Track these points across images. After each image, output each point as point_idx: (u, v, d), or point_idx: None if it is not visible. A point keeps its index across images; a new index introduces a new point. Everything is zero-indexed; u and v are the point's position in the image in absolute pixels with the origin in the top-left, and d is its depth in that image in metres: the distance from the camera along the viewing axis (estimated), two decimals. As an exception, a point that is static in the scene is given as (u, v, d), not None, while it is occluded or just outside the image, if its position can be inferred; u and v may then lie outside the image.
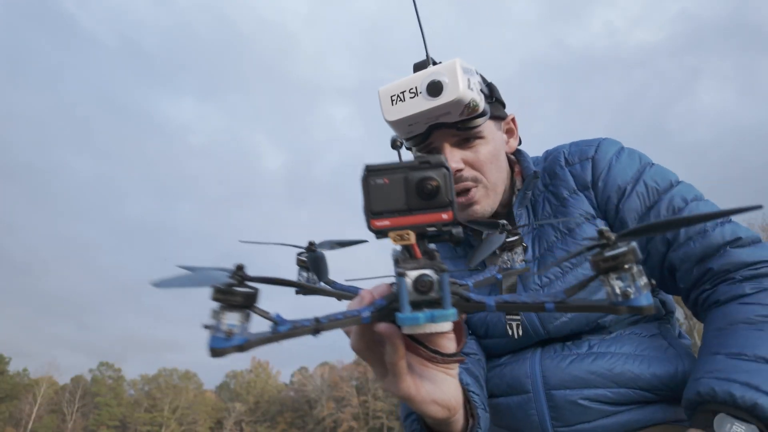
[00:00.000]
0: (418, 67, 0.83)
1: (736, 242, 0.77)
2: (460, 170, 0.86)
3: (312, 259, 0.58)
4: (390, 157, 0.99)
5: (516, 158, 0.99)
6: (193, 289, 0.33)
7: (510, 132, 0.98)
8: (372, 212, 0.41)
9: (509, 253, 0.59)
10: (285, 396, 50.27)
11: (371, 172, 0.42)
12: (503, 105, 0.95)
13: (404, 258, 0.42)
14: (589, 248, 0.37)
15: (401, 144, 0.45)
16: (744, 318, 0.70)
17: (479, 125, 0.84)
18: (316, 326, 0.39)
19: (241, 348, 0.35)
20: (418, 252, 0.42)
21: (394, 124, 0.83)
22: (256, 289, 0.36)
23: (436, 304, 0.39)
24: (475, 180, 0.88)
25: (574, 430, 0.81)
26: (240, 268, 0.36)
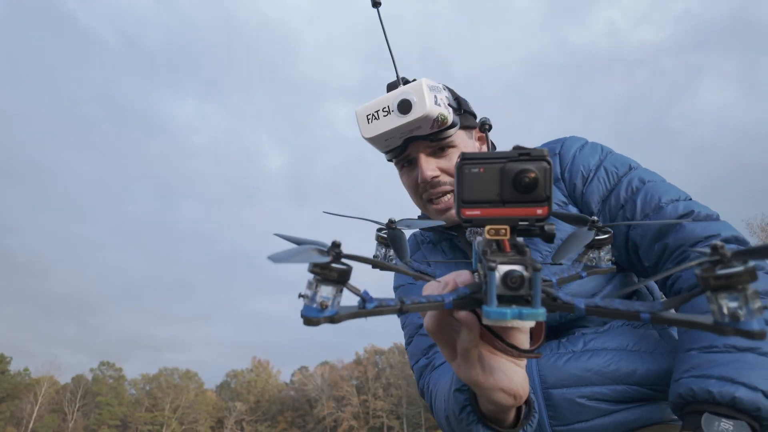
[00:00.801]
0: (391, 86, 0.89)
1: (689, 215, 0.81)
2: (436, 177, 0.93)
3: (392, 237, 0.58)
4: (386, 164, 1.05)
5: None
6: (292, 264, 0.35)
7: (481, 140, 1.05)
8: (463, 201, 0.41)
9: (597, 251, 0.55)
10: (285, 395, 50.33)
11: (466, 161, 0.41)
12: (474, 116, 1.03)
13: (493, 250, 0.41)
14: (700, 263, 0.34)
15: (489, 127, 0.43)
16: (708, 308, 0.74)
17: (450, 135, 0.92)
18: (401, 307, 0.40)
19: (332, 320, 0.37)
20: (507, 245, 0.41)
21: (372, 140, 0.90)
22: (350, 267, 0.37)
23: (525, 301, 0.38)
24: (452, 185, 0.94)
25: (571, 429, 0.82)
26: (337, 245, 0.37)
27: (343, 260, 0.37)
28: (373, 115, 0.88)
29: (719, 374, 0.64)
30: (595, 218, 0.55)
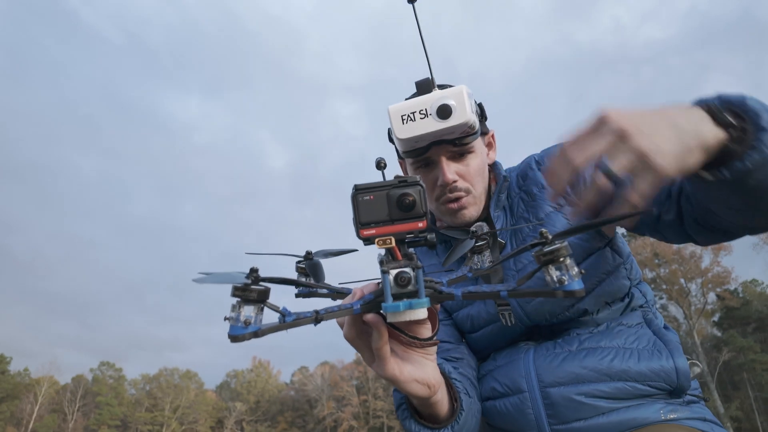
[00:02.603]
0: (420, 85, 0.89)
1: None
2: (455, 181, 0.95)
3: (310, 266, 0.66)
4: (389, 164, 1.06)
5: (489, 167, 1.10)
6: (217, 285, 0.41)
7: (490, 145, 1.08)
8: (360, 223, 0.51)
9: (479, 256, 0.70)
10: (285, 395, 50.29)
11: (359, 191, 0.51)
12: (486, 120, 1.05)
13: (388, 260, 0.52)
14: (533, 245, 0.47)
15: (385, 165, 0.54)
16: None
17: (473, 142, 0.94)
18: (316, 317, 0.48)
19: (256, 334, 0.44)
20: (399, 255, 0.51)
21: (404, 141, 0.89)
22: (268, 288, 0.44)
23: (414, 295, 0.49)
24: (467, 191, 0.98)
25: (570, 428, 0.83)
26: (254, 270, 0.44)
27: (262, 283, 0.44)
28: (409, 116, 0.86)
29: (735, 94, 0.63)
30: (474, 229, 0.68)
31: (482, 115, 0.99)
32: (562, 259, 0.45)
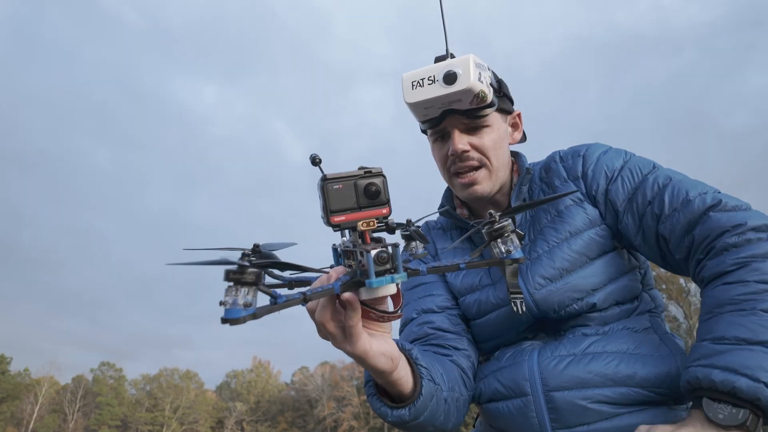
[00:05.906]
0: (439, 59, 0.93)
1: (717, 206, 0.81)
2: (466, 151, 0.97)
3: (261, 258, 0.69)
4: (420, 140, 1.13)
5: (513, 158, 1.11)
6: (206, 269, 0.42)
7: (515, 126, 1.09)
8: (331, 211, 0.56)
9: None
10: (286, 395, 50.28)
11: (327, 181, 0.57)
12: (511, 101, 1.06)
13: (360, 243, 0.57)
14: (484, 225, 0.59)
15: (320, 161, 0.56)
16: (728, 299, 0.73)
17: (486, 115, 0.95)
18: (304, 297, 0.52)
19: (254, 316, 0.46)
20: (368, 238, 0.57)
21: (413, 106, 0.94)
22: (261, 271, 0.47)
23: (391, 271, 0.54)
24: (480, 161, 0.99)
25: None
26: (247, 254, 0.47)
27: (255, 266, 0.47)
28: (418, 82, 0.91)
29: (724, 365, 0.67)
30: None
31: (501, 91, 1.00)
32: (507, 235, 0.56)
